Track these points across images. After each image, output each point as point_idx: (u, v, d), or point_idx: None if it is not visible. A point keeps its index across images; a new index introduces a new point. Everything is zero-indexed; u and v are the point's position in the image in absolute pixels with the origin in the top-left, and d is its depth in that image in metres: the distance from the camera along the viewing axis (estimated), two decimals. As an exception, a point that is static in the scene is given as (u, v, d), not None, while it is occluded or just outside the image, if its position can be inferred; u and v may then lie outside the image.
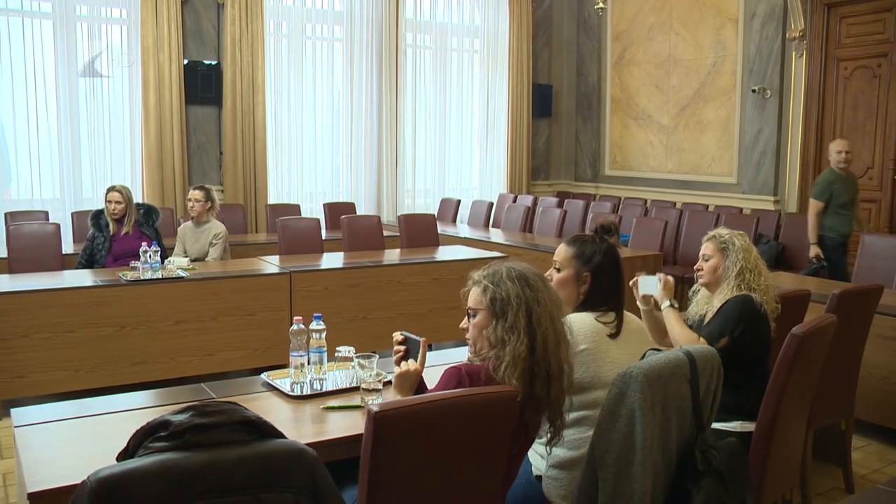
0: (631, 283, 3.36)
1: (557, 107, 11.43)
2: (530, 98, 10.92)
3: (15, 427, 2.61)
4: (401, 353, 2.63)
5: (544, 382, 2.31)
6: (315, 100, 9.55)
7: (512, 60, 10.71)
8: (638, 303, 3.39)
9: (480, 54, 10.76)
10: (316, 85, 9.56)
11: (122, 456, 1.73)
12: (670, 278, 3.36)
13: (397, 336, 2.67)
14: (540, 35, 11.12)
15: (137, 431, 1.71)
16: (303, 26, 9.42)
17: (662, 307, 3.30)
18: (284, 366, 3.14)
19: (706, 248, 3.37)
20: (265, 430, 1.74)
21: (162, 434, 1.66)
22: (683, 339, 3.14)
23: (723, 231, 3.38)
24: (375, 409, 2.01)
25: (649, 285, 3.37)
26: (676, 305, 3.30)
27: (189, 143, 8.68)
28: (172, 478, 1.60)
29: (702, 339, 3.14)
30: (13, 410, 2.75)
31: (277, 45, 9.28)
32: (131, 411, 2.83)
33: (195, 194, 6.09)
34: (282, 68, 9.25)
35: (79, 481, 2.16)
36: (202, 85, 8.70)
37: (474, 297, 2.43)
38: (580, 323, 2.71)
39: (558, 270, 2.86)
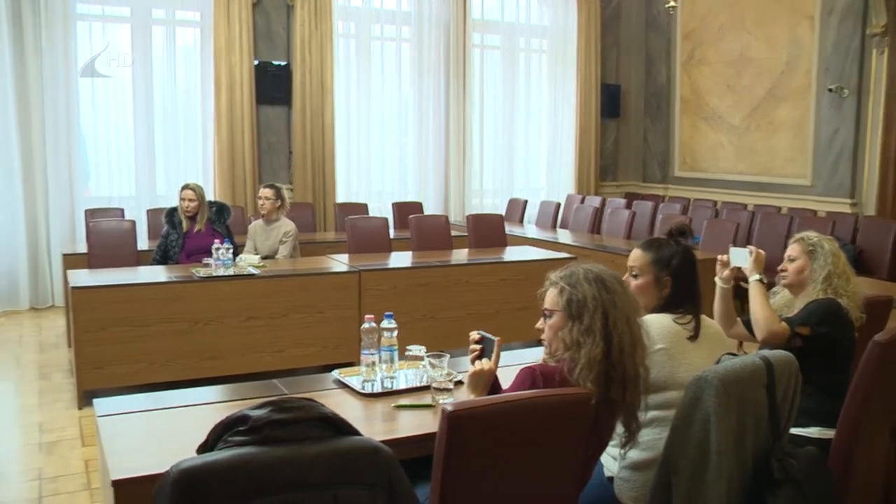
0: (719, 257, 3.33)
1: (626, 107, 11.31)
2: (598, 98, 10.83)
3: (98, 417, 2.67)
4: (477, 352, 2.62)
5: (619, 386, 2.28)
6: (383, 100, 9.63)
7: (580, 60, 10.63)
8: (718, 279, 3.34)
9: (548, 54, 10.71)
10: (384, 85, 9.63)
11: (202, 449, 1.76)
12: (762, 251, 3.30)
13: (474, 335, 2.66)
14: (608, 34, 11.01)
15: (217, 425, 1.74)
16: (371, 27, 9.49)
17: (751, 279, 3.24)
18: (352, 363, 3.16)
19: (793, 250, 3.30)
20: (341, 427, 1.75)
21: (241, 429, 1.68)
22: (764, 317, 3.09)
23: (811, 234, 3.31)
24: (450, 408, 2.01)
25: (739, 257, 3.32)
26: (766, 281, 3.23)
27: (259, 142, 8.83)
28: (251, 472, 1.62)
29: (783, 322, 3.07)
30: (96, 401, 2.82)
31: (346, 46, 9.38)
32: (207, 405, 2.89)
33: (265, 192, 6.18)
34: (350, 69, 9.34)
35: (159, 471, 2.21)
36: (272, 85, 8.83)
37: (550, 298, 2.41)
38: (657, 323, 2.67)
39: (636, 277, 2.82)
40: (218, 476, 1.61)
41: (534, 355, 3.18)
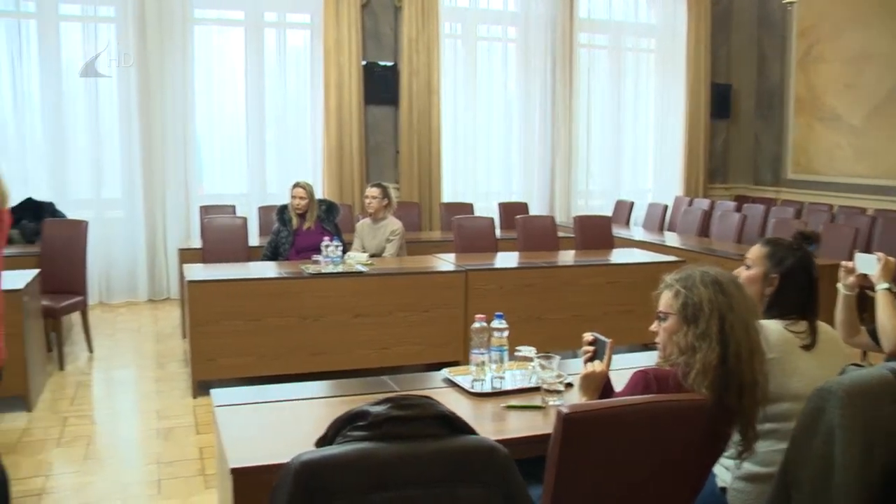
0: (843, 263, 3.19)
1: (736, 107, 11.00)
2: (708, 98, 10.58)
3: (216, 407, 2.76)
4: (590, 353, 2.59)
5: (736, 393, 2.21)
6: (489, 100, 9.65)
7: (689, 59, 10.40)
8: (841, 286, 3.19)
9: (656, 53, 10.52)
10: (490, 85, 9.64)
11: (321, 442, 1.79)
12: (892, 259, 3.15)
13: (587, 336, 2.63)
14: (719, 32, 10.73)
15: (336, 420, 1.76)
16: (477, 27, 9.51)
17: (879, 288, 3.09)
18: (457, 362, 3.16)
19: None
20: (458, 426, 1.75)
21: (360, 424, 1.70)
22: (893, 327, 2.95)
23: None
24: (566, 410, 1.99)
25: (867, 264, 3.17)
26: (895, 290, 3.09)
27: (367, 141, 8.97)
28: (370, 467, 1.64)
29: None
30: (213, 391, 2.92)
31: (452, 47, 9.43)
32: (319, 399, 2.95)
33: (372, 191, 6.25)
34: (457, 69, 9.39)
35: (275, 462, 2.28)
36: (380, 85, 8.95)
37: (665, 300, 2.37)
38: (771, 331, 2.58)
39: (748, 268, 2.77)
40: (338, 469, 1.63)
41: (643, 359, 3.13)
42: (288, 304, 5.20)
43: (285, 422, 2.73)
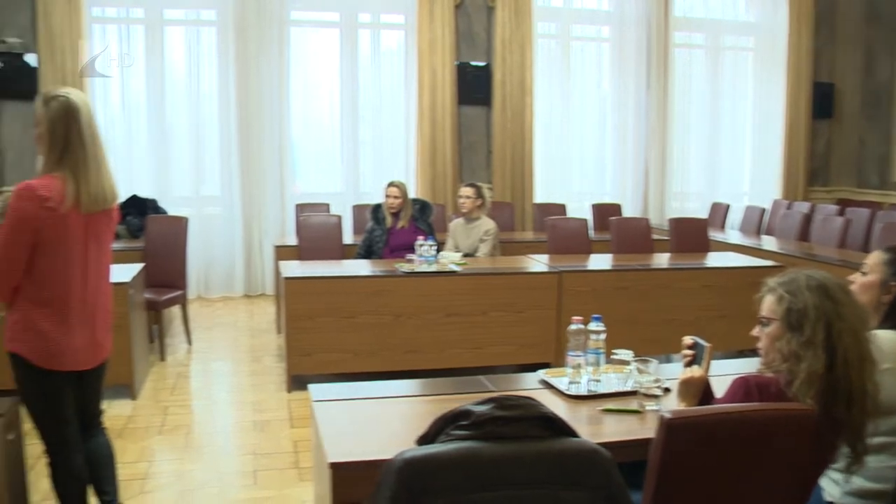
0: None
1: (839, 107, 10.61)
2: (809, 98, 10.23)
3: (314, 402, 2.81)
4: (689, 358, 2.54)
5: (844, 403, 2.13)
6: (582, 100, 9.56)
7: (790, 57, 10.08)
8: None
9: (755, 52, 10.26)
10: (583, 85, 9.55)
11: (423, 440, 1.80)
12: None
13: (687, 340, 2.58)
14: (822, 29, 10.34)
15: (439, 418, 1.77)
16: (571, 27, 9.44)
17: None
18: (549, 364, 3.14)
19: None
20: (561, 428, 1.74)
21: (463, 423, 1.71)
22: None
23: None
24: (668, 416, 1.96)
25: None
26: None
27: (460, 141, 8.99)
28: (473, 466, 1.64)
29: None
30: (311, 387, 2.96)
31: (546, 47, 9.37)
32: (415, 397, 2.97)
33: (466, 191, 6.26)
34: (550, 69, 9.34)
35: (373, 458, 2.30)
36: (473, 85, 8.97)
37: (768, 305, 2.29)
38: (886, 340, 2.48)
39: (864, 274, 2.67)
40: (441, 468, 1.64)
41: (740, 366, 3.06)
42: (382, 302, 5.26)
43: (381, 419, 2.75)
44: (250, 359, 6.26)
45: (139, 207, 7.46)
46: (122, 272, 5.07)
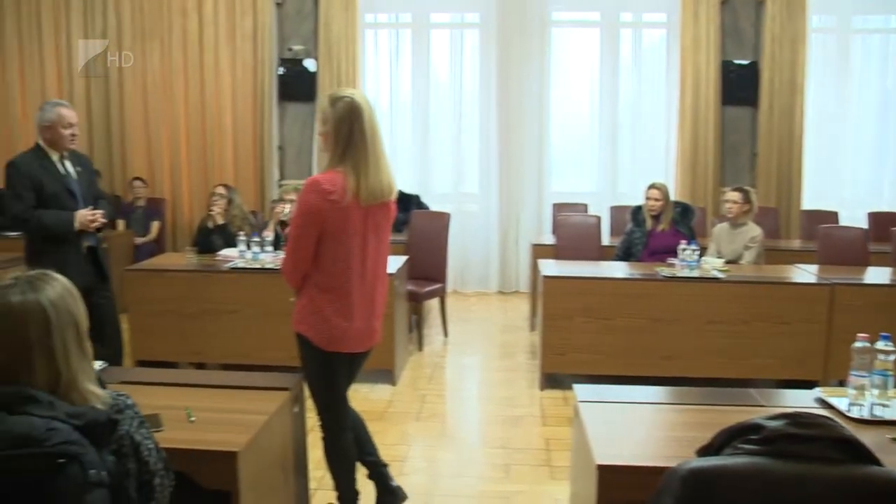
0: None
1: None
2: None
3: (579, 402, 2.82)
4: None
5: None
6: (860, 98, 8.79)
7: None
8: None
9: None
10: (864, 82, 8.79)
11: (705, 451, 1.75)
12: None
13: None
14: None
15: (725, 430, 1.71)
16: (852, 19, 8.72)
17: None
18: (814, 383, 2.92)
19: None
20: (863, 454, 1.62)
21: (753, 437, 1.64)
22: None
23: None
24: None
25: None
26: None
27: (723, 142, 8.63)
28: (762, 483, 1.57)
29: None
30: (576, 386, 2.98)
31: (821, 42, 8.73)
32: (682, 405, 2.87)
33: (733, 196, 5.99)
34: (825, 65, 8.70)
35: (642, 463, 2.28)
36: (737, 84, 8.57)
37: None
38: None
39: None
40: (728, 481, 1.58)
41: None
42: (640, 305, 5.17)
43: (647, 424, 2.71)
44: (503, 354, 6.39)
45: (403, 202, 7.75)
46: (389, 263, 5.33)
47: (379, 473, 3.49)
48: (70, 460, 1.59)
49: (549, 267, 5.59)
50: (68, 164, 4.58)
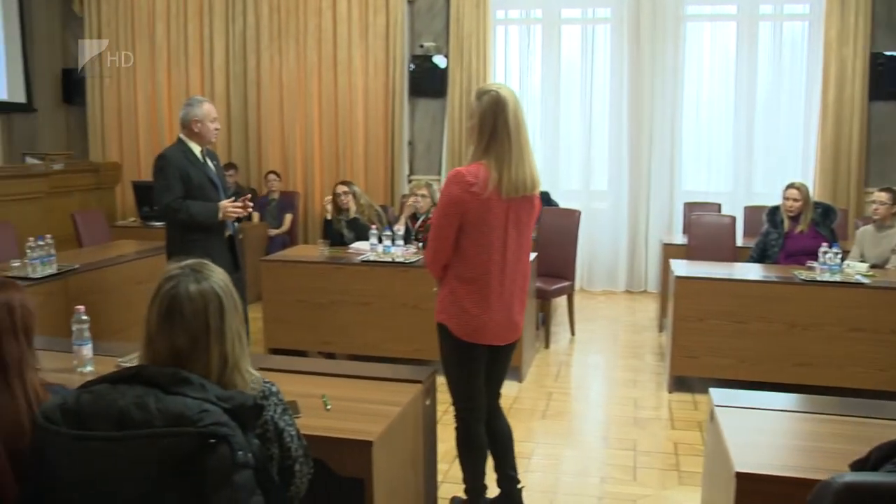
0: None
1: None
2: None
3: (715, 406, 2.74)
4: None
5: None
6: None
7: None
8: None
9: None
10: None
11: (859, 465, 1.67)
12: None
13: None
14: None
15: (882, 445, 1.64)
16: None
17: None
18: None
19: None
20: None
21: (911, 453, 1.55)
22: None
23: None
24: None
25: None
26: None
27: (869, 141, 8.18)
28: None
29: None
30: (712, 390, 2.90)
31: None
32: (826, 415, 2.73)
33: (881, 196, 5.69)
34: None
35: (784, 474, 2.20)
36: (888, 79, 8.10)
37: None
38: None
39: None
40: (884, 499, 1.50)
41: None
42: (776, 309, 4.97)
43: (788, 433, 2.63)
44: (630, 354, 6.28)
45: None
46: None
47: (509, 490, 3.49)
48: (220, 441, 1.65)
49: (682, 267, 5.45)
50: (207, 158, 4.80)
